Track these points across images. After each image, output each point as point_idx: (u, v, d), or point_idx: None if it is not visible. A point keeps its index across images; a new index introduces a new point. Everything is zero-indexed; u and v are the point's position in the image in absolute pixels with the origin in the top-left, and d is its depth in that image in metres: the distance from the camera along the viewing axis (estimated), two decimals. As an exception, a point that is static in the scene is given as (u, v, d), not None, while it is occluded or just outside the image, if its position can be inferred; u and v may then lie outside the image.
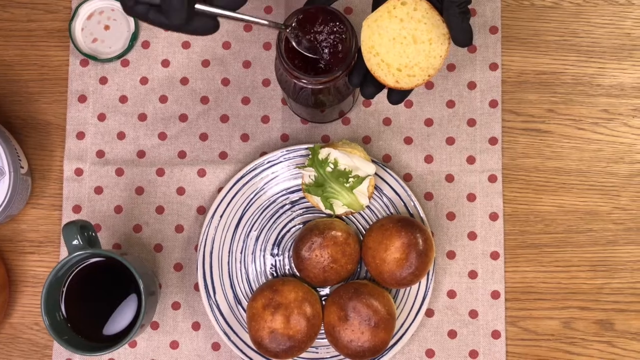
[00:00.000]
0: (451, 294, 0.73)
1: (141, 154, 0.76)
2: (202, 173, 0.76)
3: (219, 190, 0.75)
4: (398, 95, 0.60)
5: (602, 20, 0.76)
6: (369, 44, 0.57)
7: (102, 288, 0.68)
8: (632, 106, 0.75)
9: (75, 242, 0.64)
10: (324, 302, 0.71)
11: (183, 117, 0.76)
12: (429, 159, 0.75)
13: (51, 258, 0.75)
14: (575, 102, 0.75)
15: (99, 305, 0.68)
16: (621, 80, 0.75)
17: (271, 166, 0.74)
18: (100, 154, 0.76)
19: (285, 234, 0.74)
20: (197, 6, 0.51)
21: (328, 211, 0.70)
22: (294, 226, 0.74)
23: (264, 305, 0.68)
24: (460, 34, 0.55)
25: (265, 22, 0.55)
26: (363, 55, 0.57)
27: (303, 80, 0.58)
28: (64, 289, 0.67)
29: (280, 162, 0.74)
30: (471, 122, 0.75)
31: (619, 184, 0.74)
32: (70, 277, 0.67)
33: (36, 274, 0.75)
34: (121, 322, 0.67)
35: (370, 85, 0.60)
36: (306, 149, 0.73)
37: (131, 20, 0.77)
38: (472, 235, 0.74)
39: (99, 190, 0.76)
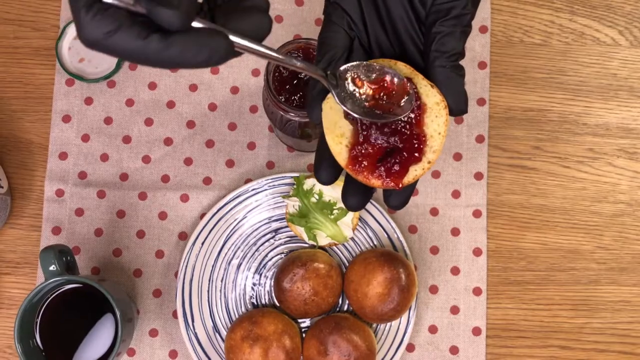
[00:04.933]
0: (432, 329, 0.73)
1: (124, 176, 0.75)
2: (185, 198, 0.75)
3: (202, 216, 0.74)
4: (400, 197, 0.45)
5: (590, 59, 0.77)
6: (337, 132, 0.43)
7: (78, 314, 0.67)
8: (616, 146, 0.75)
9: (52, 267, 0.63)
10: (304, 335, 0.71)
11: (168, 141, 0.76)
12: (414, 192, 0.75)
13: (28, 280, 0.74)
14: (561, 140, 0.76)
15: (75, 332, 0.66)
16: (607, 120, 0.76)
17: (255, 194, 0.73)
18: (82, 175, 0.75)
19: (267, 263, 0.73)
20: (197, 23, 0.35)
21: (311, 242, 0.70)
22: (276, 255, 0.73)
23: (242, 337, 0.67)
24: (455, 98, 0.42)
25: (299, 64, 0.40)
26: (329, 144, 0.43)
27: (290, 114, 0.58)
28: (39, 316, 0.65)
29: (265, 190, 0.73)
30: (457, 157, 0.75)
31: (602, 224, 0.74)
32: (46, 303, 0.65)
33: (12, 295, 0.74)
34: (97, 350, 0.66)
35: (352, 191, 0.45)
36: (291, 178, 0.73)
37: None
38: (455, 270, 0.73)
39: (79, 212, 0.74)
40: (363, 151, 0.43)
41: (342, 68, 0.42)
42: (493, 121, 0.76)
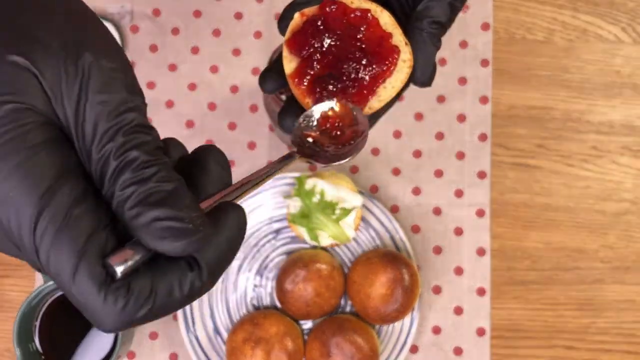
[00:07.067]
0: (436, 330, 0.72)
1: (123, 177, 0.74)
2: (185, 199, 0.74)
3: (202, 217, 0.73)
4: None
5: (593, 57, 0.76)
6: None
7: (78, 317, 0.66)
8: (620, 144, 0.75)
9: (51, 270, 0.62)
10: (306, 337, 0.70)
11: (167, 141, 0.75)
12: (416, 191, 0.74)
13: (26, 282, 0.73)
14: (564, 138, 0.75)
15: (74, 334, 0.66)
16: (610, 118, 0.75)
17: (256, 194, 0.72)
18: (80, 176, 0.74)
19: (268, 264, 0.72)
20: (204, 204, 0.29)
21: (313, 242, 0.69)
22: (278, 256, 0.72)
23: (244, 339, 0.66)
24: (423, 65, 0.41)
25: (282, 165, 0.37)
26: (284, 49, 0.42)
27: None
28: (38, 319, 0.64)
29: (266, 190, 0.72)
30: (460, 155, 0.74)
31: (607, 222, 0.74)
32: (45, 306, 0.65)
33: (10, 298, 0.73)
34: (97, 353, 0.65)
35: (291, 112, 0.43)
36: (292, 178, 0.72)
37: (117, 39, 0.75)
38: (458, 270, 0.73)
39: (78, 213, 0.74)
40: (313, 69, 0.41)
41: (295, 131, 0.41)
42: (496, 119, 0.75)
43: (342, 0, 0.42)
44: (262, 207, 0.72)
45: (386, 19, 0.42)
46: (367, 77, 0.41)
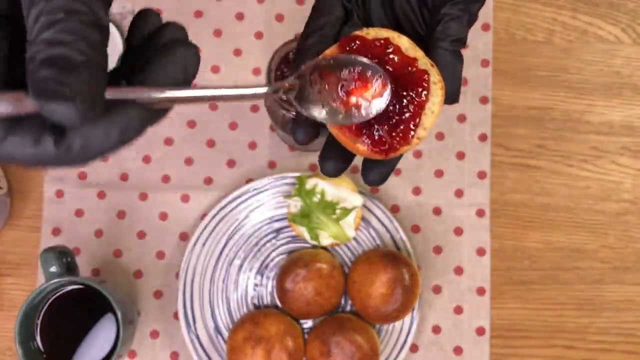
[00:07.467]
0: (436, 330, 0.72)
1: (124, 176, 0.75)
2: (185, 198, 0.74)
3: (203, 216, 0.74)
4: (380, 171, 0.42)
5: (593, 57, 0.76)
6: None
7: (79, 316, 0.66)
8: (620, 144, 0.75)
9: (52, 269, 0.62)
10: (306, 336, 0.70)
11: (168, 141, 0.75)
12: (417, 191, 0.74)
13: (28, 281, 0.73)
14: (564, 139, 0.75)
15: (75, 333, 0.66)
16: (610, 118, 0.75)
17: (257, 194, 0.72)
18: (82, 175, 0.74)
19: (269, 263, 0.72)
20: (111, 94, 0.30)
21: (313, 242, 0.69)
22: (278, 256, 0.73)
23: (244, 339, 0.66)
24: (453, 84, 0.40)
25: (249, 92, 0.36)
26: None
27: (292, 113, 0.57)
28: (40, 317, 0.65)
29: (267, 189, 0.72)
30: (460, 155, 0.74)
31: (607, 222, 0.74)
32: (47, 304, 0.65)
33: (12, 297, 0.73)
34: (98, 352, 0.65)
35: (331, 155, 0.43)
36: (293, 177, 0.72)
37: (119, 40, 0.76)
38: (458, 270, 0.73)
39: (79, 213, 0.74)
40: None
41: (304, 67, 0.39)
42: (496, 119, 0.75)
43: (358, 34, 0.40)
44: (263, 207, 0.72)
45: (406, 44, 0.41)
46: (410, 108, 0.40)
